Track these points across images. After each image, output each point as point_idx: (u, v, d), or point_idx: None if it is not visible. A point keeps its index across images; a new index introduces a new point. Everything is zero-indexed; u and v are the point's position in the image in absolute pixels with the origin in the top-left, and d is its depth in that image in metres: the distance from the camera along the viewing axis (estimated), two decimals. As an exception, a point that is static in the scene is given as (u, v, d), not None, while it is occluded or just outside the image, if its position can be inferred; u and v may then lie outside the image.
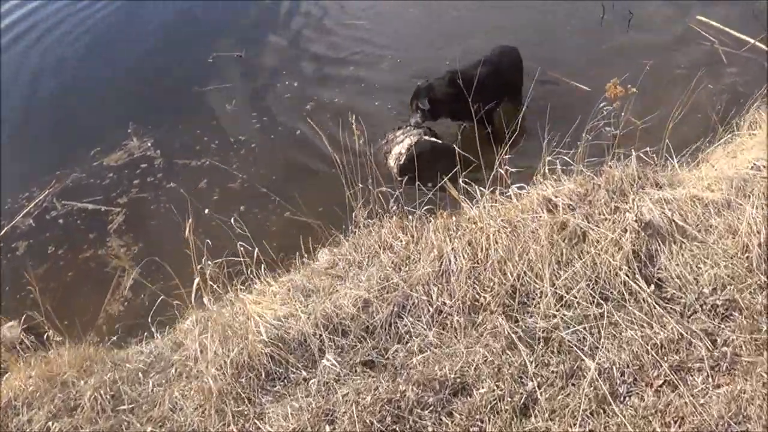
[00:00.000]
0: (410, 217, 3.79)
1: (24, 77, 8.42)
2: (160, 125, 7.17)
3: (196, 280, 3.46)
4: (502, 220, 3.47)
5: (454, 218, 3.62)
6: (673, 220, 3.43)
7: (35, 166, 6.98)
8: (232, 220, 3.77)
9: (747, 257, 3.30)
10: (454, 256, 3.36)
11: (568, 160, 3.86)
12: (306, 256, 4.13)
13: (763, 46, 6.86)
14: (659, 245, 3.36)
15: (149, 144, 6.93)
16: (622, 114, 3.76)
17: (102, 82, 8.11)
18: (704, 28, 7.47)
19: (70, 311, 5.26)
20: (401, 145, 6.06)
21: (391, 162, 6.07)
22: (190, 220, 3.38)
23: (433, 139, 6.02)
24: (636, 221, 3.32)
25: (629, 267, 3.31)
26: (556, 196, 3.67)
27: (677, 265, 3.32)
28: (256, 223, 5.64)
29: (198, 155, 6.67)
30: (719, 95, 6.15)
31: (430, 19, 8.41)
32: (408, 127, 6.31)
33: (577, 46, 7.49)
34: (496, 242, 3.35)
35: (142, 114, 7.36)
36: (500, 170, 3.89)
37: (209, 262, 3.52)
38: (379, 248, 3.70)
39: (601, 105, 3.83)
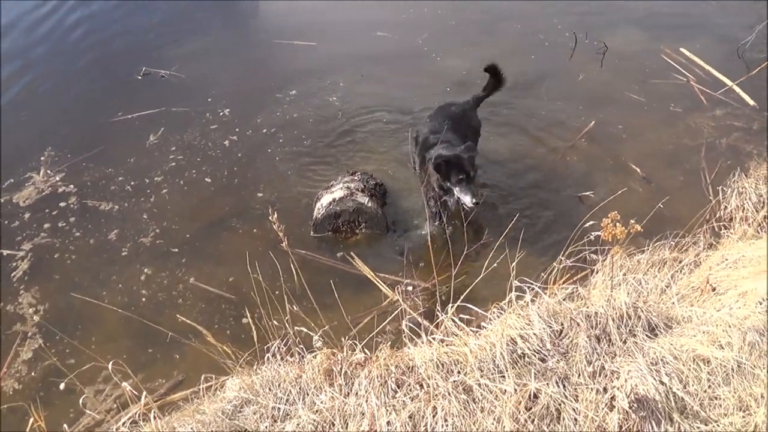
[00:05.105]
0: (338, 357, 2.94)
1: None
2: (75, 158, 6.13)
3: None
4: (454, 382, 2.66)
5: (394, 368, 2.78)
6: (672, 391, 2.68)
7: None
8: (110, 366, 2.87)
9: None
10: (390, 436, 2.55)
11: (538, 289, 3.10)
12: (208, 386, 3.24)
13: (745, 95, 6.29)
14: (652, 427, 2.60)
15: (58, 179, 5.89)
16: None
17: (21, 104, 6.97)
18: (677, 60, 6.99)
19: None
20: (331, 195, 5.21)
21: (314, 212, 5.24)
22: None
23: (361, 200, 5.07)
24: (627, 399, 2.55)
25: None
26: (524, 339, 2.89)
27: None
28: (163, 293, 4.87)
29: (110, 198, 5.69)
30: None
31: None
32: (359, 176, 5.44)
33: (551, 83, 6.84)
34: (445, 420, 2.54)
35: (59, 143, 6.32)
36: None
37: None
38: (298, 397, 2.85)
39: (588, 224, 3.05)
